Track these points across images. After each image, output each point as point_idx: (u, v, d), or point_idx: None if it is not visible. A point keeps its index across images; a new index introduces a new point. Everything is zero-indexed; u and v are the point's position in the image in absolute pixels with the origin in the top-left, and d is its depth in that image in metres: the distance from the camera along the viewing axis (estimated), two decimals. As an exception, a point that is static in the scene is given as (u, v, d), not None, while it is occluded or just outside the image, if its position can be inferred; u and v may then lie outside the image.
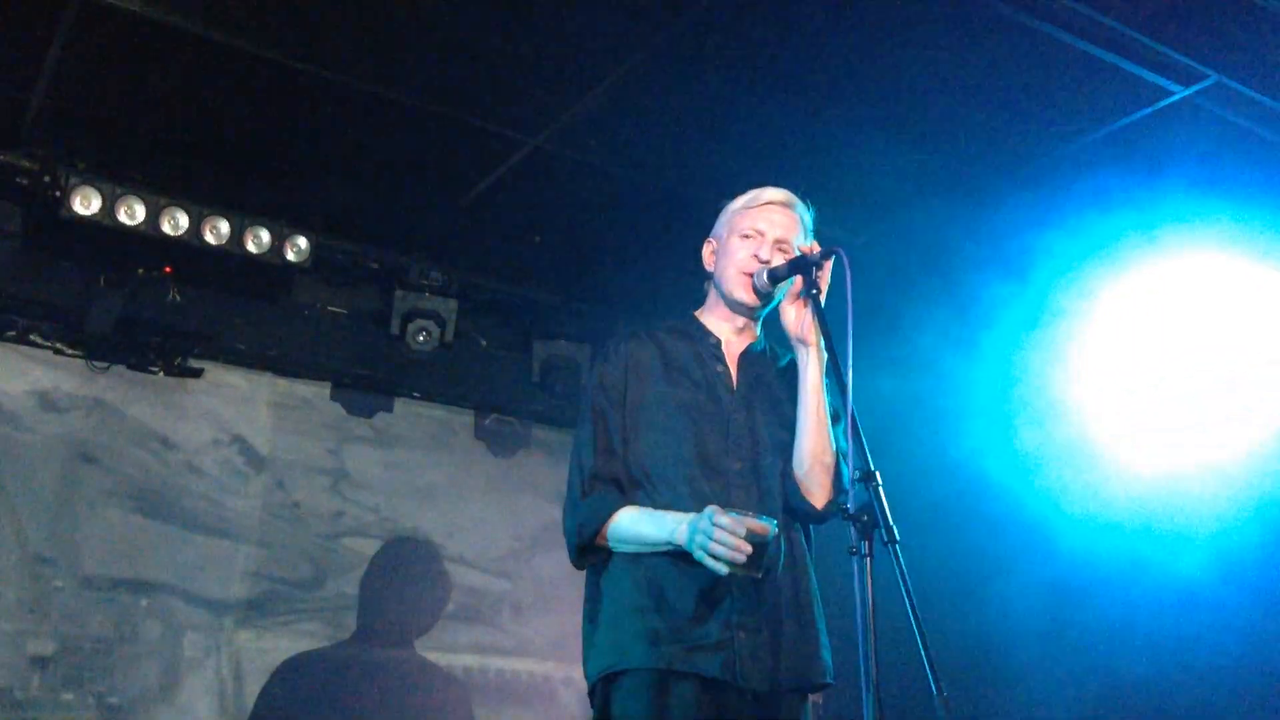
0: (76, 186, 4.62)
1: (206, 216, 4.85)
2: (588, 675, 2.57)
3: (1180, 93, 3.94)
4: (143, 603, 5.14)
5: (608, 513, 2.56)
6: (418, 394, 6.00)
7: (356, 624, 5.60)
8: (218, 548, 5.37)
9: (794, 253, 2.70)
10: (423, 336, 5.59)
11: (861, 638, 2.07)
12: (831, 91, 4.17)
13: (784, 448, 2.66)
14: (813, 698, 2.64)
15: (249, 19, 3.93)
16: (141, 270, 5.10)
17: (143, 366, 5.26)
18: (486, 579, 6.01)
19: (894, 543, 2.11)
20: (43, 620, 4.91)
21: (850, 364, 2.34)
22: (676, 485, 2.58)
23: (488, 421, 6.19)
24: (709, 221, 2.93)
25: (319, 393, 5.75)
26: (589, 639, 2.59)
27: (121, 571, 5.13)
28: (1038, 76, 3.93)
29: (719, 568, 2.30)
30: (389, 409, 5.93)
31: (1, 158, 4.69)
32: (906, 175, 4.66)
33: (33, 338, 5.07)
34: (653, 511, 2.54)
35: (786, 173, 3.02)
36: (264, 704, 5.28)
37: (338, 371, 5.77)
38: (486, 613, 5.97)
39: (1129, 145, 4.26)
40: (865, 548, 2.14)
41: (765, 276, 2.66)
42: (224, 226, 4.88)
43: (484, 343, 6.12)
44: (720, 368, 2.75)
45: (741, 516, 2.31)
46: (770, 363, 2.83)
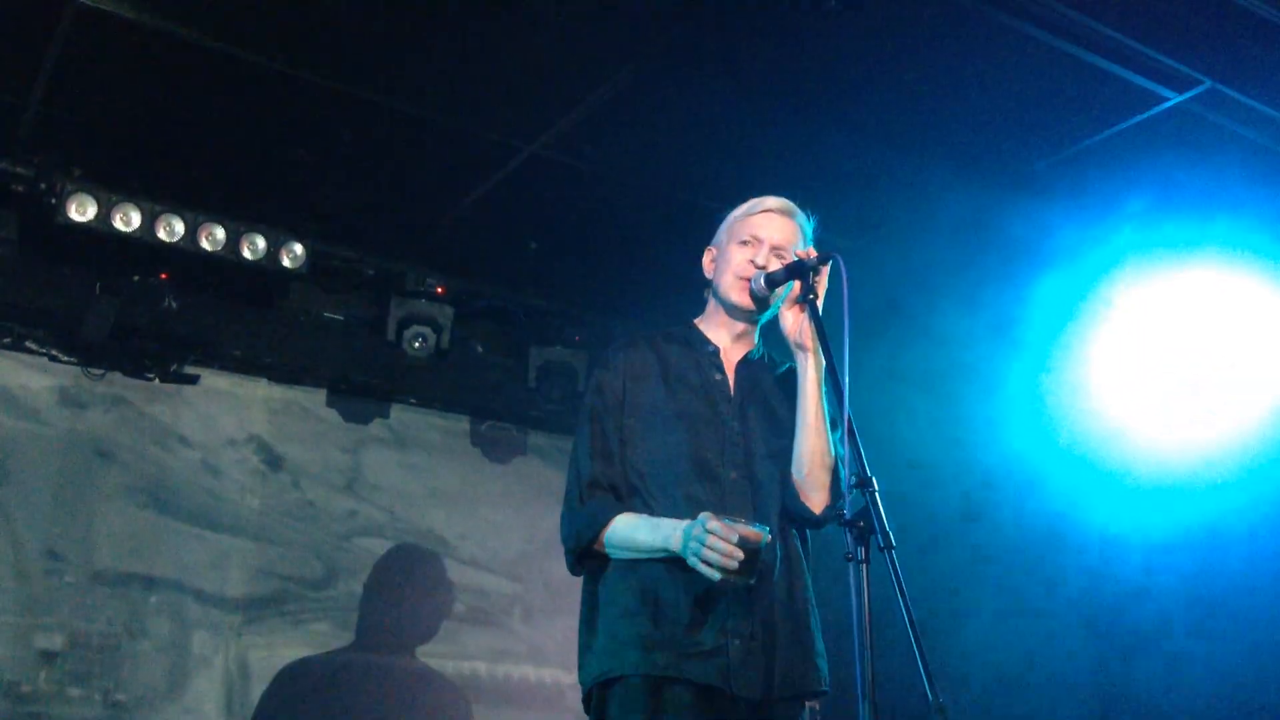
0: (72, 193, 4.62)
1: (202, 223, 4.85)
2: (583, 681, 2.58)
3: (1174, 99, 3.95)
4: (152, 599, 5.15)
5: (605, 519, 2.57)
6: (414, 400, 6.00)
7: (366, 624, 5.61)
8: (229, 545, 5.40)
9: (793, 259, 2.71)
10: (419, 343, 5.59)
11: (857, 644, 2.07)
12: (826, 97, 4.18)
13: (780, 455, 2.66)
14: (810, 704, 2.63)
15: (245, 26, 3.94)
16: (137, 277, 5.11)
17: (138, 373, 5.26)
18: (498, 581, 6.02)
19: (890, 548, 2.11)
20: (52, 615, 4.93)
21: (847, 369, 2.34)
22: (673, 492, 2.58)
23: (484, 427, 6.19)
24: (705, 227, 2.94)
25: (315, 399, 5.74)
26: (585, 645, 2.60)
27: (132, 567, 5.14)
28: (1033, 83, 3.94)
29: (711, 574, 2.31)
30: (385, 415, 5.92)
31: (-3, 164, 4.69)
32: (902, 182, 4.67)
33: (28, 344, 5.07)
34: (648, 518, 2.54)
35: (782, 179, 3.02)
36: (270, 703, 5.28)
37: (334, 378, 5.77)
38: (497, 615, 5.98)
39: (1124, 151, 4.27)
40: (861, 553, 2.14)
41: (762, 281, 2.66)
42: (220, 233, 4.88)
43: (480, 349, 6.12)
44: (718, 376, 2.75)
45: (734, 523, 2.32)
46: (768, 371, 2.84)
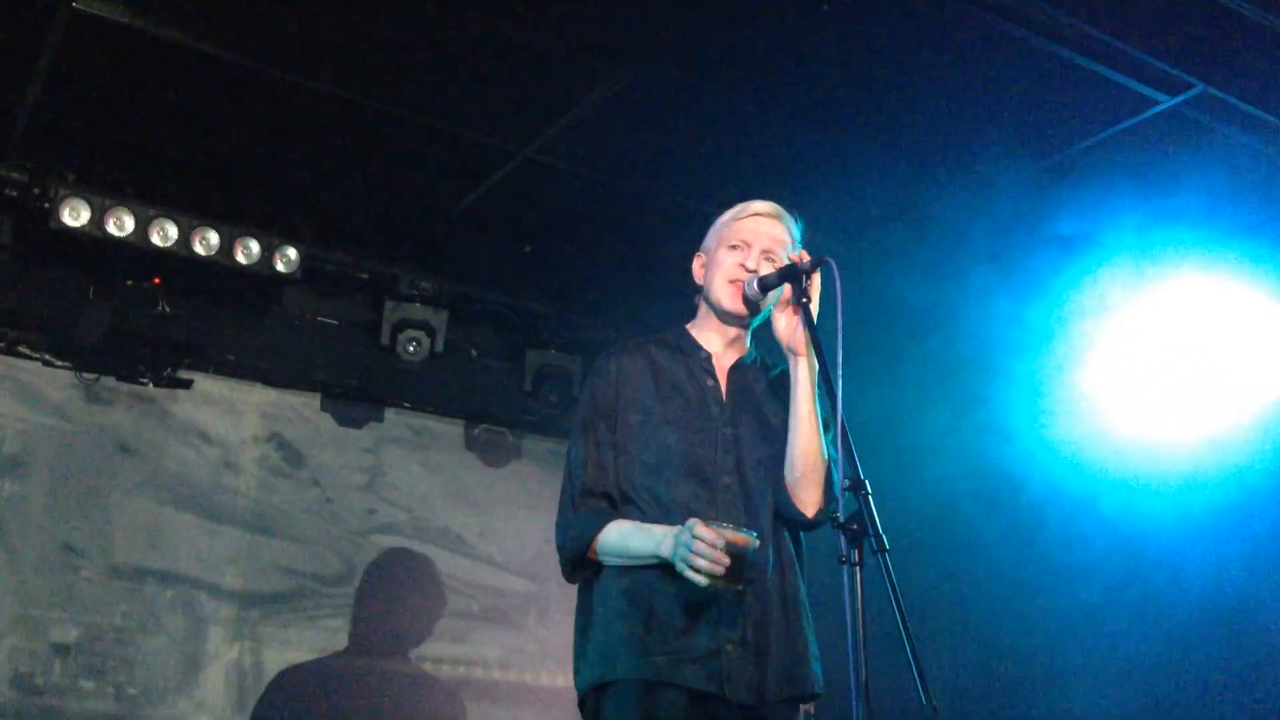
0: (65, 198, 4.61)
1: (196, 227, 4.84)
2: (578, 686, 2.58)
3: (1167, 102, 3.96)
4: (167, 594, 5.16)
5: (598, 527, 2.57)
6: (408, 404, 5.99)
7: (380, 621, 5.62)
8: (247, 541, 5.40)
9: (783, 262, 2.71)
10: (413, 347, 5.58)
11: (851, 647, 2.08)
12: (821, 102, 4.19)
13: (773, 460, 2.66)
14: (805, 707, 2.63)
15: (238, 31, 3.94)
16: (131, 281, 5.10)
17: (132, 378, 5.25)
18: (515, 581, 6.03)
19: (884, 551, 2.11)
20: (67, 608, 4.94)
21: (841, 372, 2.34)
22: (666, 499, 2.58)
23: (478, 432, 6.18)
24: (700, 231, 2.93)
25: (309, 403, 5.74)
26: (580, 650, 2.60)
27: (148, 562, 5.15)
28: (1026, 87, 3.95)
29: (699, 579, 2.31)
30: (380, 419, 5.92)
31: (-10, 169, 4.69)
32: (895, 186, 4.68)
33: (21, 349, 5.06)
34: (641, 525, 2.55)
35: (777, 182, 3.04)
36: (279, 699, 5.28)
37: (328, 382, 5.76)
38: (513, 615, 5.98)
39: (1116, 154, 4.28)
40: (855, 556, 2.14)
41: (755, 285, 2.66)
42: (213, 237, 4.87)
43: (474, 353, 6.11)
44: (711, 381, 2.76)
45: (721, 529, 2.32)
46: (761, 374, 2.84)
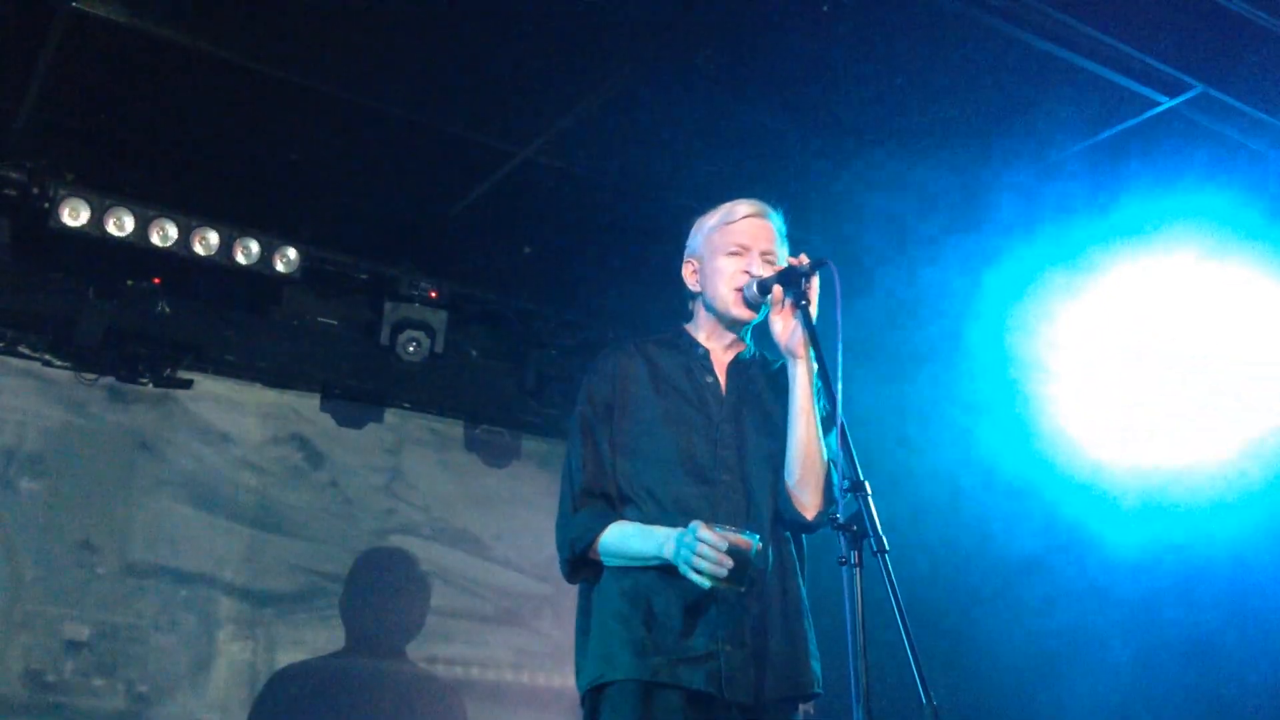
0: (65, 198, 4.61)
1: (195, 228, 4.84)
2: (579, 686, 2.58)
3: (1166, 103, 3.96)
4: (182, 593, 5.18)
5: (598, 528, 2.57)
6: (408, 405, 5.99)
7: (393, 622, 5.64)
8: (264, 540, 5.42)
9: (778, 262, 2.71)
10: (413, 347, 5.58)
11: (851, 648, 2.08)
12: (819, 103, 4.19)
13: (774, 458, 2.65)
14: (804, 707, 2.64)
15: (238, 31, 3.94)
16: (130, 282, 5.09)
17: (132, 378, 5.24)
18: (530, 583, 6.04)
19: (883, 552, 2.11)
20: (81, 606, 4.96)
21: (840, 374, 2.34)
22: (665, 499, 2.58)
23: (478, 432, 6.18)
24: (699, 233, 2.93)
25: (309, 404, 5.74)
26: (580, 651, 2.61)
27: (165, 560, 5.17)
28: (1026, 87, 3.96)
29: (702, 581, 2.32)
30: (379, 419, 5.92)
31: (-10, 169, 4.68)
32: (894, 187, 4.68)
33: (21, 349, 5.05)
34: (641, 526, 2.55)
35: (774, 183, 3.04)
36: (289, 700, 5.29)
37: (327, 382, 5.76)
38: (526, 617, 5.98)
39: (1116, 155, 4.28)
40: (855, 558, 2.14)
41: (755, 288, 2.66)
42: (213, 238, 4.87)
43: (474, 353, 6.11)
44: (709, 379, 2.75)
45: (725, 531, 2.33)
46: (760, 370, 2.83)
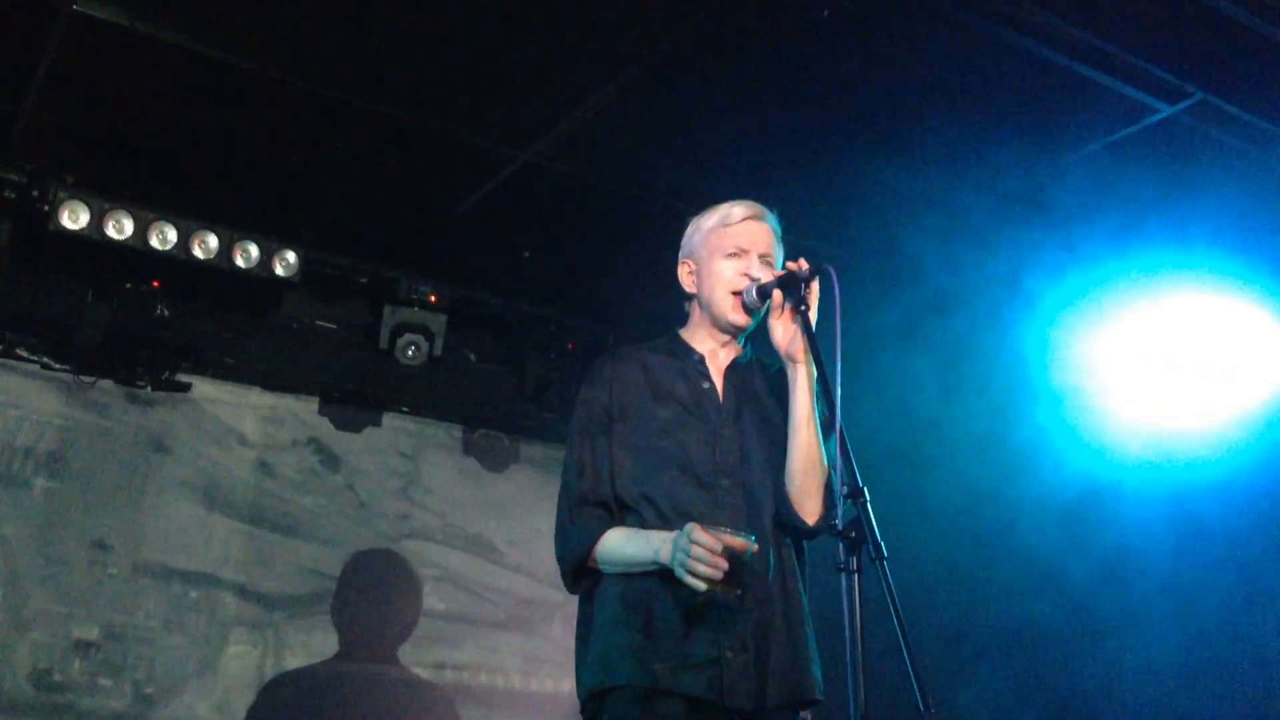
0: (65, 200, 4.61)
1: (195, 231, 4.84)
2: (579, 694, 2.58)
3: (1166, 110, 3.96)
4: (192, 594, 5.20)
5: (596, 535, 2.57)
6: (406, 408, 5.99)
7: (404, 627, 5.65)
8: (277, 543, 5.44)
9: (776, 265, 2.71)
10: (412, 351, 5.59)
11: (849, 654, 2.07)
12: (821, 108, 4.19)
13: (773, 462, 2.65)
14: (804, 713, 2.63)
15: (239, 34, 3.94)
16: (129, 284, 5.10)
17: (130, 381, 5.24)
18: (542, 590, 6.06)
19: (881, 559, 2.10)
20: (91, 605, 4.99)
21: (839, 380, 2.34)
22: (665, 506, 2.57)
23: (476, 436, 6.18)
24: (700, 237, 2.92)
25: (307, 407, 5.74)
26: (580, 658, 2.60)
27: (177, 562, 5.20)
28: (1026, 94, 3.96)
29: (697, 585, 2.30)
30: (378, 423, 5.92)
31: (-10, 171, 4.68)
32: (896, 191, 4.68)
33: (20, 352, 5.05)
34: (639, 531, 2.54)
35: (777, 187, 3.03)
36: (295, 703, 5.30)
37: (326, 386, 5.76)
38: (536, 624, 6.00)
39: (1116, 161, 4.28)
40: (853, 564, 2.14)
41: (754, 293, 2.66)
42: (212, 241, 4.88)
43: (473, 357, 6.11)
44: (706, 384, 2.75)
45: (720, 532, 2.31)
46: (758, 373, 2.82)
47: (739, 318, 2.72)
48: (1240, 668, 4.21)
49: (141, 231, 4.73)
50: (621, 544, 2.54)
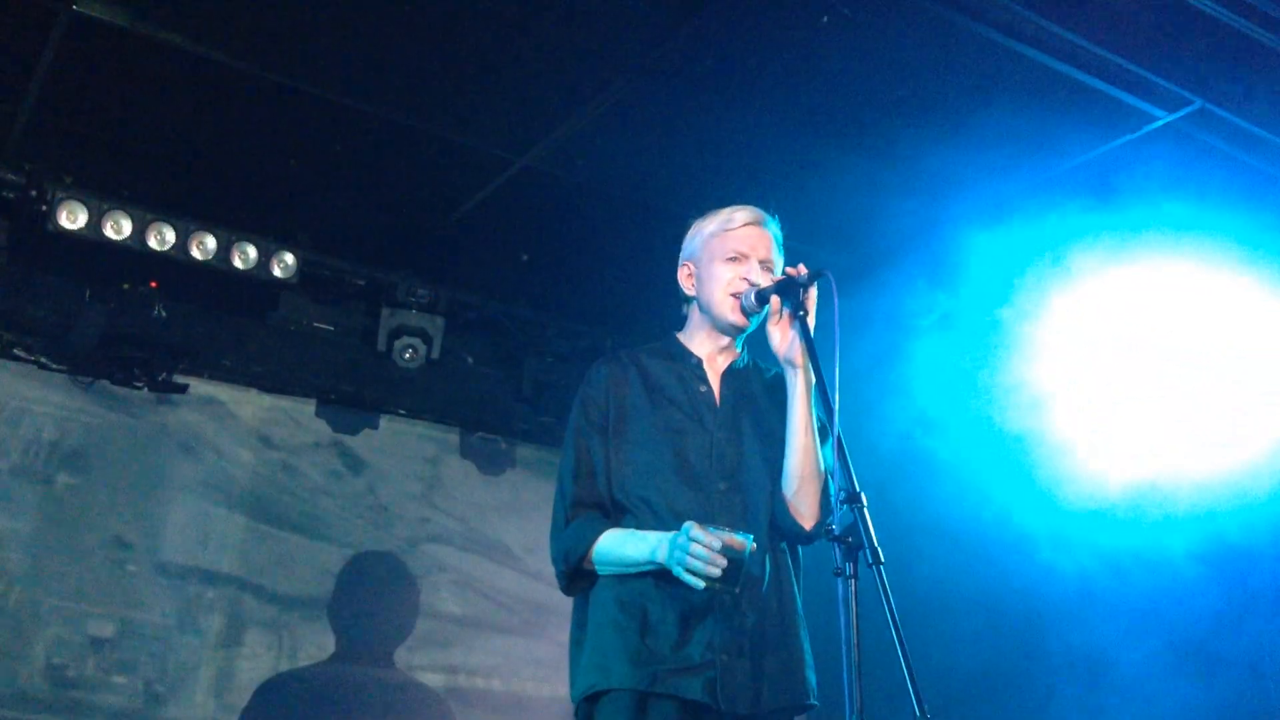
0: (63, 200, 4.61)
1: (193, 232, 4.84)
2: (573, 696, 2.57)
3: (1165, 118, 3.97)
4: (209, 594, 5.20)
5: (592, 537, 2.56)
6: (403, 411, 5.98)
7: (419, 632, 5.65)
8: (296, 544, 5.45)
9: (776, 271, 2.71)
10: (409, 354, 5.58)
11: (845, 659, 2.07)
12: (819, 114, 4.19)
13: (770, 465, 2.65)
14: (799, 718, 2.63)
15: (238, 35, 3.94)
16: (127, 285, 5.09)
17: (127, 382, 5.23)
18: (559, 597, 6.02)
19: (879, 564, 2.10)
20: (108, 603, 4.98)
21: (837, 384, 2.34)
22: (662, 509, 2.57)
23: (473, 439, 6.18)
24: (696, 241, 2.93)
25: (304, 409, 5.73)
26: (574, 660, 2.60)
27: (196, 561, 5.20)
28: (1025, 101, 3.96)
29: (696, 582, 2.30)
30: (374, 426, 5.92)
31: (-12, 171, 4.68)
32: (892, 198, 4.68)
33: (17, 352, 5.05)
34: (635, 532, 2.54)
35: (772, 191, 3.03)
36: (305, 706, 5.30)
37: (324, 388, 5.75)
38: (551, 630, 5.98)
39: (1114, 169, 4.29)
40: (850, 569, 2.13)
41: (753, 297, 2.66)
42: (211, 242, 4.87)
43: (470, 360, 6.11)
44: (703, 388, 2.75)
45: (718, 531, 2.32)
46: (755, 377, 2.83)
47: (737, 319, 2.72)
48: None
49: (140, 232, 4.73)
50: (618, 545, 2.54)
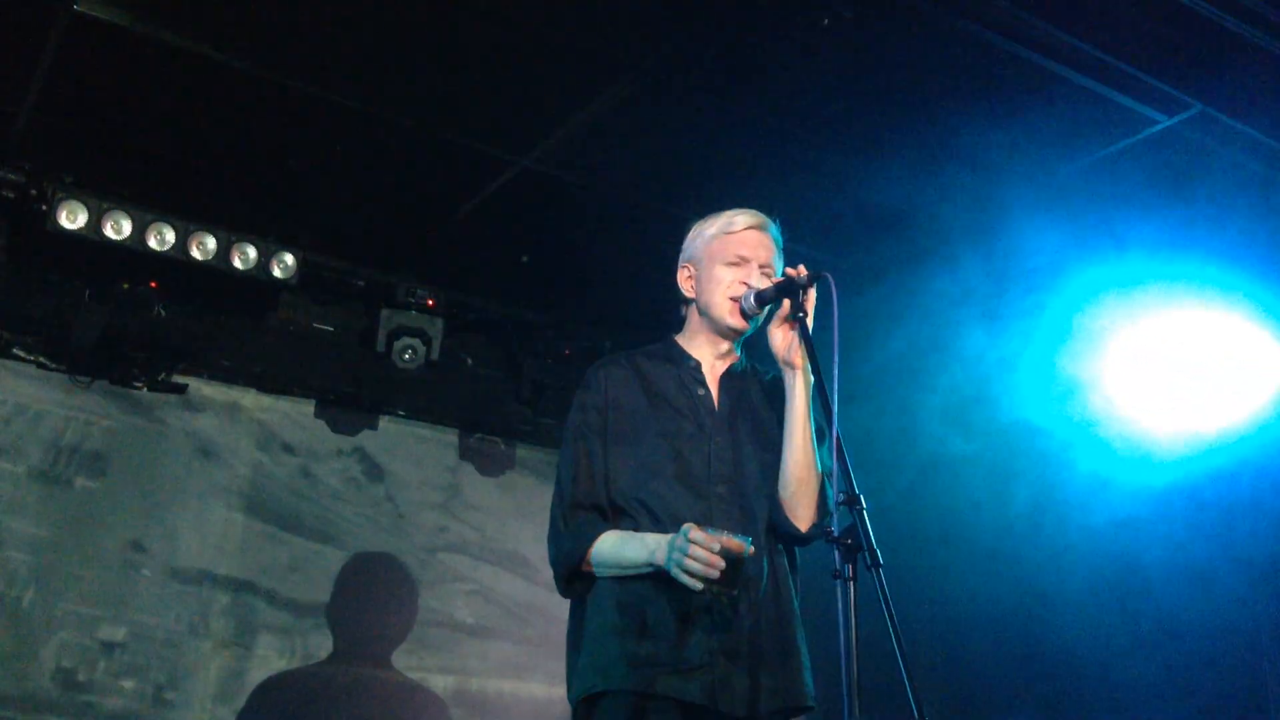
0: (63, 200, 4.61)
1: (193, 232, 4.84)
2: (570, 698, 2.56)
3: (1165, 122, 3.98)
4: (223, 599, 5.20)
5: (590, 539, 2.56)
6: (403, 412, 5.98)
7: (431, 642, 5.66)
8: (312, 551, 5.45)
9: (775, 275, 2.71)
10: (409, 354, 5.58)
11: (844, 661, 2.07)
12: (819, 116, 4.19)
13: (768, 468, 2.65)
14: (795, 721, 2.62)
15: (239, 35, 3.94)
16: (127, 285, 5.09)
17: (126, 382, 5.23)
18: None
19: (877, 566, 2.10)
20: (121, 607, 4.98)
21: (836, 386, 2.34)
22: (660, 512, 2.57)
23: (472, 440, 6.18)
24: (696, 243, 2.92)
25: (304, 409, 5.73)
26: (572, 663, 2.60)
27: (211, 566, 5.20)
28: (1025, 105, 3.96)
29: (694, 584, 2.30)
30: (374, 427, 5.92)
31: (-12, 171, 4.68)
32: (892, 201, 4.68)
33: (16, 351, 5.05)
34: (634, 534, 2.54)
35: (772, 194, 3.03)
36: (314, 712, 5.31)
37: (323, 389, 5.76)
38: (564, 644, 5.98)
39: (1115, 172, 4.29)
40: (849, 571, 2.13)
41: (753, 300, 2.66)
42: (210, 242, 4.87)
43: (470, 361, 6.11)
44: (702, 391, 2.75)
45: (717, 533, 2.32)
46: (753, 381, 2.83)
47: (736, 322, 2.72)
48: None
49: (139, 232, 4.73)
50: (617, 547, 2.53)
